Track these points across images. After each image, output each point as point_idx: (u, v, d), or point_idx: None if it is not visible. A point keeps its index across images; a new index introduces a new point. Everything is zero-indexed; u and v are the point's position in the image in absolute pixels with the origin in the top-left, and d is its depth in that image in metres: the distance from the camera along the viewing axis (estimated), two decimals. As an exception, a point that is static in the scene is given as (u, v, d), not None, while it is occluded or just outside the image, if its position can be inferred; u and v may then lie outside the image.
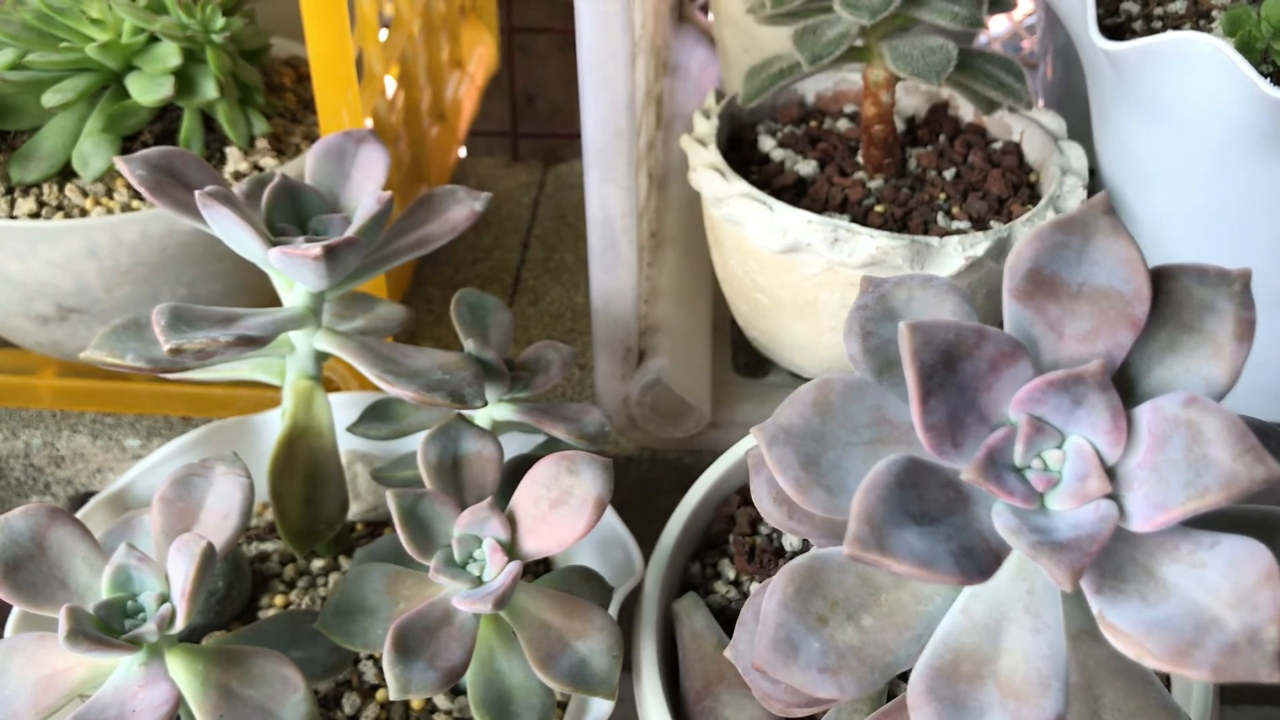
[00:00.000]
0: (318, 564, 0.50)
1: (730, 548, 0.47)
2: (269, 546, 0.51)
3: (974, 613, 0.30)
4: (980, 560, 0.28)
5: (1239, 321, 0.30)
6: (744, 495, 0.48)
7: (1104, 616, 0.28)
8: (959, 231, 0.53)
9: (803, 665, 0.30)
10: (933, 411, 0.29)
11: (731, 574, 0.46)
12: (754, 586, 0.45)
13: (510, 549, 0.40)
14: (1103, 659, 0.31)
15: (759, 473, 0.36)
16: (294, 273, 0.42)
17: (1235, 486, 0.26)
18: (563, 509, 0.40)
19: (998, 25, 0.95)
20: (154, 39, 0.57)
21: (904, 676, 0.35)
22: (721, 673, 0.41)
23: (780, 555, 0.46)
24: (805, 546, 0.46)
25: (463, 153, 0.87)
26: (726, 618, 0.44)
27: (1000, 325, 0.32)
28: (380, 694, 0.45)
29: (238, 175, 0.59)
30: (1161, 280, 0.31)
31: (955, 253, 0.50)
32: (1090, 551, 0.27)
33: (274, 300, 0.46)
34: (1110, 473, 0.29)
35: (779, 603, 0.31)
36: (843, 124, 0.61)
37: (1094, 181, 0.57)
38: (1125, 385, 0.30)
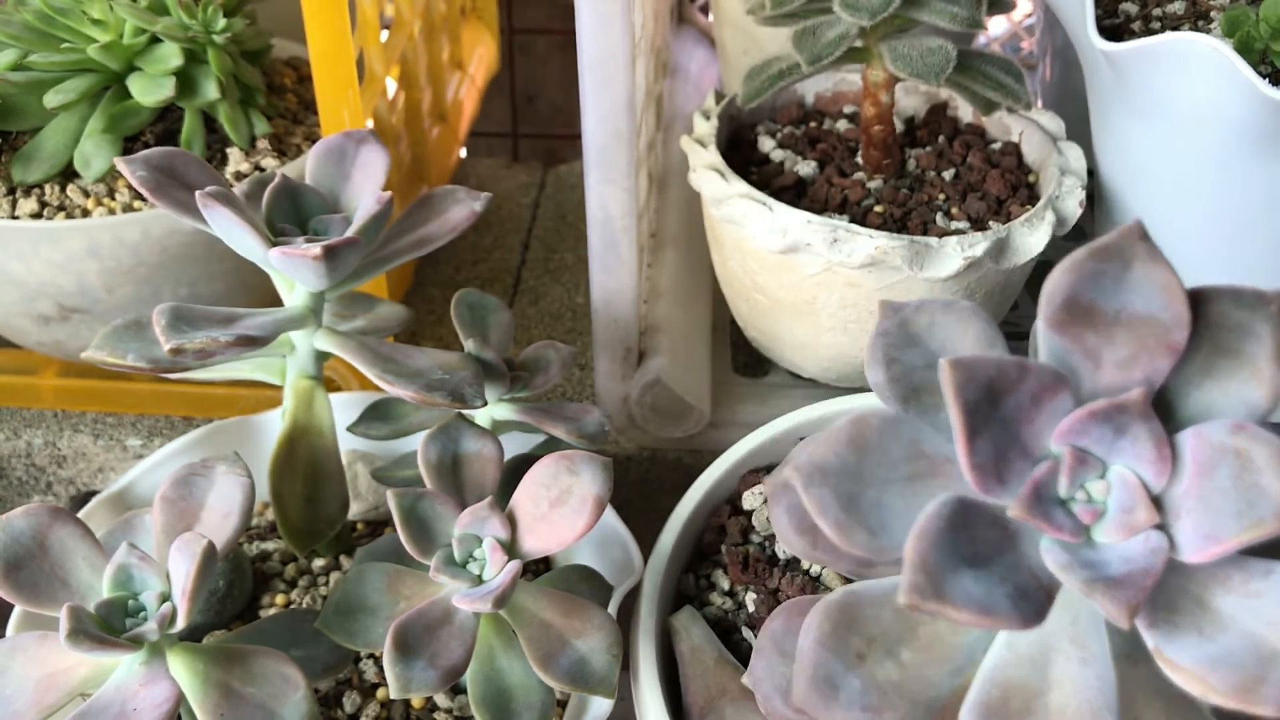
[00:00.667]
0: (319, 563, 0.50)
1: (723, 558, 0.46)
2: (270, 546, 0.51)
3: (1019, 646, 0.29)
4: (1035, 601, 0.27)
5: (1278, 344, 0.29)
6: (734, 505, 0.48)
7: (1162, 652, 0.27)
8: (958, 232, 0.53)
9: (844, 704, 0.29)
10: (978, 450, 0.28)
11: (726, 585, 0.46)
12: (749, 597, 0.45)
13: (510, 548, 0.40)
14: (1140, 681, 0.31)
15: (779, 501, 0.35)
16: (294, 273, 0.42)
17: None
18: (562, 508, 0.40)
19: (997, 26, 0.95)
20: (155, 40, 0.57)
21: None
22: (724, 687, 0.41)
23: (774, 564, 0.46)
24: None
25: (463, 153, 0.87)
26: (723, 629, 0.44)
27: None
28: (381, 692, 0.45)
29: (239, 176, 0.59)
30: (1196, 303, 0.30)
31: (954, 253, 0.50)
32: (1145, 586, 0.26)
33: (275, 300, 0.46)
34: (1155, 502, 0.29)
35: (815, 640, 0.30)
36: (842, 125, 0.61)
37: (1092, 182, 0.57)
38: (1162, 410, 0.30)
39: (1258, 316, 0.29)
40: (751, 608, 0.44)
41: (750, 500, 0.48)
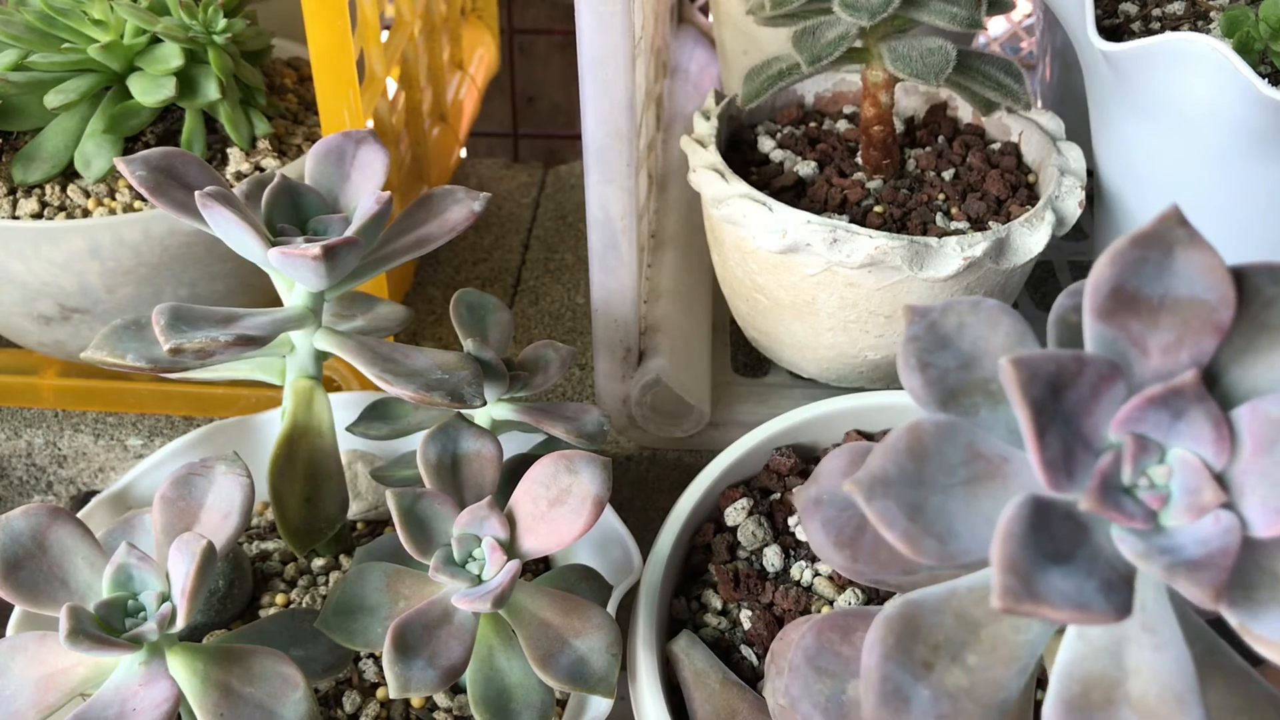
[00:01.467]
0: (318, 563, 0.50)
1: (713, 577, 0.46)
2: (270, 545, 0.51)
3: (1092, 639, 0.29)
4: (1120, 592, 0.27)
5: None
6: (718, 523, 0.48)
7: (1249, 629, 0.27)
8: (957, 232, 0.53)
9: (917, 715, 0.29)
10: (1049, 446, 0.28)
11: (718, 604, 0.46)
12: (744, 614, 0.45)
13: (509, 548, 0.40)
14: (1199, 657, 0.30)
15: (813, 517, 0.35)
16: (294, 272, 0.42)
17: None
18: (561, 508, 0.40)
19: (996, 26, 0.95)
20: (156, 40, 0.57)
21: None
22: (733, 709, 0.41)
23: (764, 577, 0.46)
24: (786, 565, 0.46)
25: (463, 153, 0.87)
26: (722, 649, 0.44)
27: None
28: (380, 692, 0.45)
29: (239, 176, 0.59)
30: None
31: (954, 253, 0.50)
32: (1226, 566, 0.26)
33: (275, 300, 0.47)
34: (1218, 480, 0.29)
35: (881, 655, 0.30)
36: (842, 125, 0.61)
37: (1092, 182, 0.57)
38: (1210, 389, 0.30)
39: None
40: (747, 624, 0.44)
41: (733, 516, 0.48)
